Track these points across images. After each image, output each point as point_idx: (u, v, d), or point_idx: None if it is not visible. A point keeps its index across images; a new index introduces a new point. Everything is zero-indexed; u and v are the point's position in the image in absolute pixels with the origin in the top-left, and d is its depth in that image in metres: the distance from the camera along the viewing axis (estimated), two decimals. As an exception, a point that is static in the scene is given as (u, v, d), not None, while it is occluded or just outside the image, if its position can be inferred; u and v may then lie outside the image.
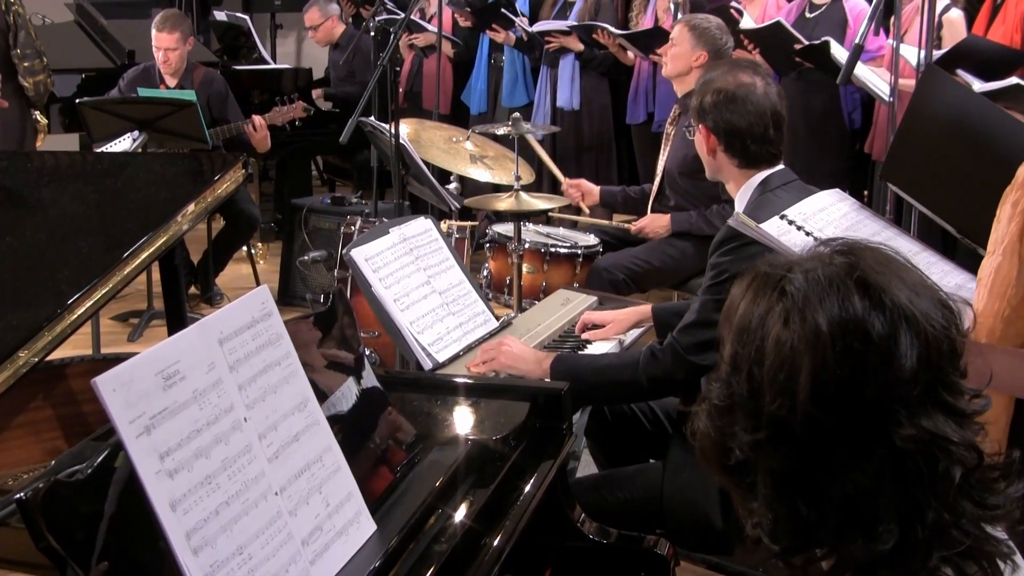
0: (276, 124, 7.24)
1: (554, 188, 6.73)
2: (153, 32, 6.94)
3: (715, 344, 1.59)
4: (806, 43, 5.84)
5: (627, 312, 3.76)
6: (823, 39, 5.75)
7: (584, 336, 3.71)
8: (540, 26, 7.55)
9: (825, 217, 3.07)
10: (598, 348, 3.64)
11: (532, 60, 7.96)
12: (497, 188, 6.98)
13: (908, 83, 5.17)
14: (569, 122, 7.66)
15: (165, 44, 6.94)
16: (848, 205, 3.21)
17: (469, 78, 8.38)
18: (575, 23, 7.43)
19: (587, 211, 5.92)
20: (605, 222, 5.75)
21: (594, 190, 5.76)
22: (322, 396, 2.06)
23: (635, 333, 3.79)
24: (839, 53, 5.63)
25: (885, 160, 4.24)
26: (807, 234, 2.90)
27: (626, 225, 5.60)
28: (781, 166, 3.30)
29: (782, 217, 2.97)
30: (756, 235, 2.90)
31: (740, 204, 3.29)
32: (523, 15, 7.85)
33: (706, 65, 5.34)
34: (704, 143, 3.30)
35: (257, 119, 7.06)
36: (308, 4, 9.21)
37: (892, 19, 5.33)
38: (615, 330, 3.72)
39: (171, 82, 7.07)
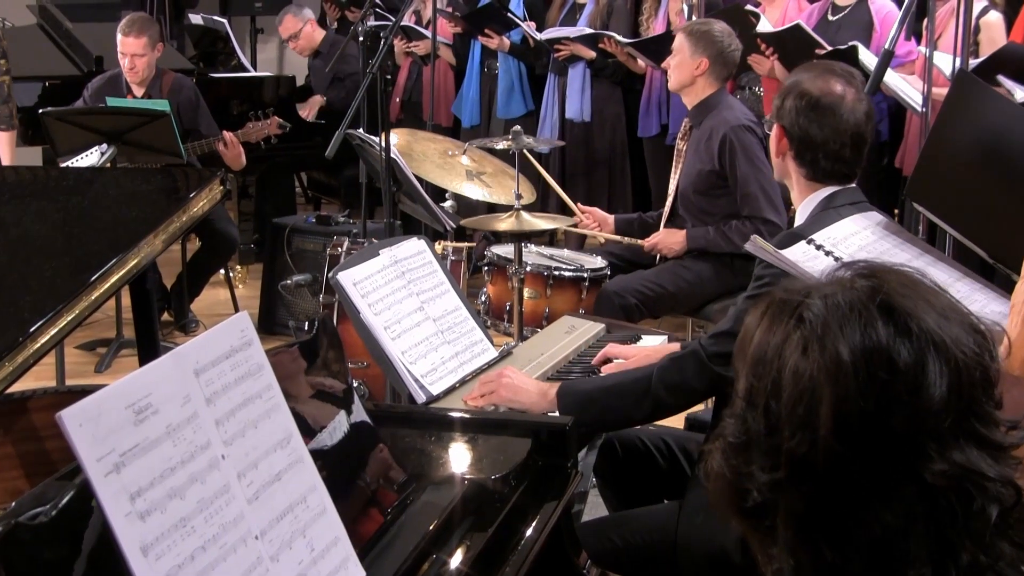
0: (249, 141, 7.23)
1: (561, 207, 6.73)
2: (119, 37, 6.96)
3: None
4: (828, 48, 5.85)
5: (654, 350, 3.71)
6: (850, 44, 5.76)
7: (604, 371, 3.69)
8: (550, 33, 7.55)
9: (856, 241, 3.07)
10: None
11: (539, 67, 7.97)
12: (495, 207, 7.01)
13: (942, 92, 5.19)
14: (579, 134, 7.67)
15: (132, 50, 6.96)
16: (882, 229, 3.21)
17: (461, 88, 8.39)
18: (583, 30, 7.41)
19: (602, 240, 5.92)
20: (617, 237, 5.74)
21: (608, 219, 5.78)
22: (307, 432, 2.06)
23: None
24: (868, 59, 5.64)
25: (911, 177, 4.25)
26: (836, 260, 2.90)
27: (638, 241, 5.60)
28: (852, 185, 3.30)
29: (809, 242, 2.97)
30: (774, 261, 2.90)
31: (801, 216, 3.29)
32: (527, 21, 7.84)
33: (708, 72, 5.37)
34: (775, 143, 3.30)
35: (228, 135, 7.06)
36: (280, 14, 9.25)
37: (925, 23, 5.34)
38: (637, 365, 3.71)
39: (139, 91, 7.09)
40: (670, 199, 5.61)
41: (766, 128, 3.50)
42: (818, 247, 2.95)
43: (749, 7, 6.54)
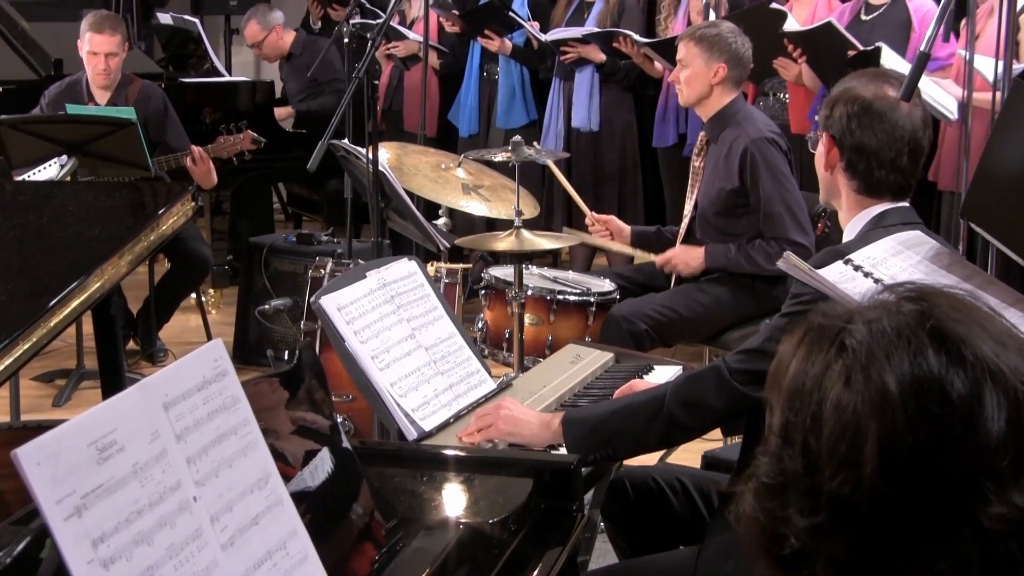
0: (221, 157, 7.22)
1: (568, 219, 6.72)
2: (88, 36, 6.95)
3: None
4: (862, 48, 5.85)
5: None
6: (875, 45, 5.77)
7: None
8: (555, 34, 7.55)
9: (899, 262, 3.05)
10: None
11: (542, 71, 7.97)
12: (494, 224, 6.99)
13: (983, 97, 5.18)
14: (586, 145, 7.66)
15: (106, 48, 6.96)
16: (928, 248, 3.19)
17: (457, 94, 8.39)
18: (594, 29, 7.41)
19: (614, 249, 5.92)
20: (629, 250, 5.73)
21: (624, 229, 5.78)
22: (286, 471, 2.05)
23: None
24: (892, 61, 5.63)
25: (966, 195, 4.23)
26: (876, 281, 2.88)
27: (651, 256, 5.60)
28: (906, 203, 3.29)
29: (847, 262, 2.96)
30: (809, 280, 2.89)
31: (849, 235, 3.28)
32: (531, 21, 7.84)
33: (726, 79, 5.37)
34: (824, 156, 3.30)
35: (197, 150, 7.05)
36: (245, 17, 9.28)
37: (964, 22, 5.34)
38: None
39: (102, 97, 7.09)
40: (686, 220, 5.61)
41: (809, 146, 3.49)
42: (856, 267, 2.93)
43: (775, 5, 6.54)
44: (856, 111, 3.21)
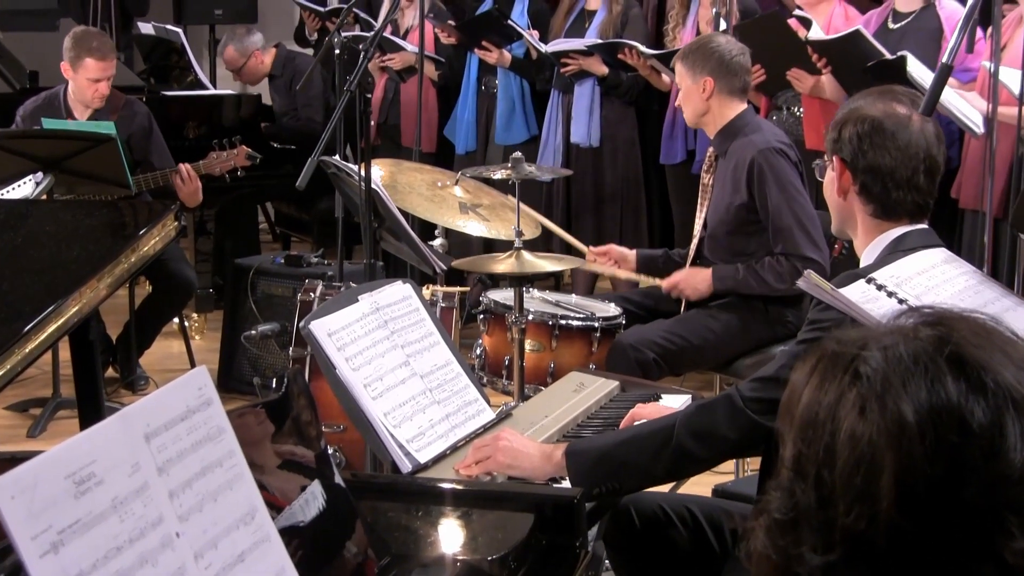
0: (213, 174, 7.22)
1: (568, 247, 6.70)
2: (87, 62, 6.92)
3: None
4: (889, 57, 5.83)
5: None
6: (899, 54, 5.75)
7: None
8: (557, 45, 7.53)
9: (924, 282, 3.05)
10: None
11: (540, 82, 7.96)
12: (492, 245, 6.99)
13: (1009, 112, 5.19)
14: (586, 162, 7.63)
15: (108, 73, 7.02)
16: (955, 268, 3.20)
17: (453, 109, 8.39)
18: (596, 40, 7.39)
19: (621, 276, 5.90)
20: (635, 276, 5.72)
21: (629, 256, 5.76)
22: (275, 506, 2.05)
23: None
24: (918, 72, 5.63)
25: (1015, 206, 4.19)
26: (900, 302, 2.89)
27: (656, 281, 5.58)
28: (924, 224, 3.29)
29: (869, 281, 2.96)
30: (831, 300, 2.89)
31: (867, 259, 3.29)
32: (530, 30, 7.81)
33: (718, 90, 5.37)
34: (835, 182, 3.30)
35: (185, 168, 7.04)
36: (222, 42, 9.30)
37: (989, 31, 5.34)
38: None
39: (82, 113, 7.09)
40: (695, 240, 5.59)
41: (817, 174, 3.50)
42: (879, 287, 2.93)
43: (797, 12, 6.54)
44: (867, 131, 3.22)
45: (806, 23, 6.30)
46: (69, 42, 7.04)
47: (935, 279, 3.09)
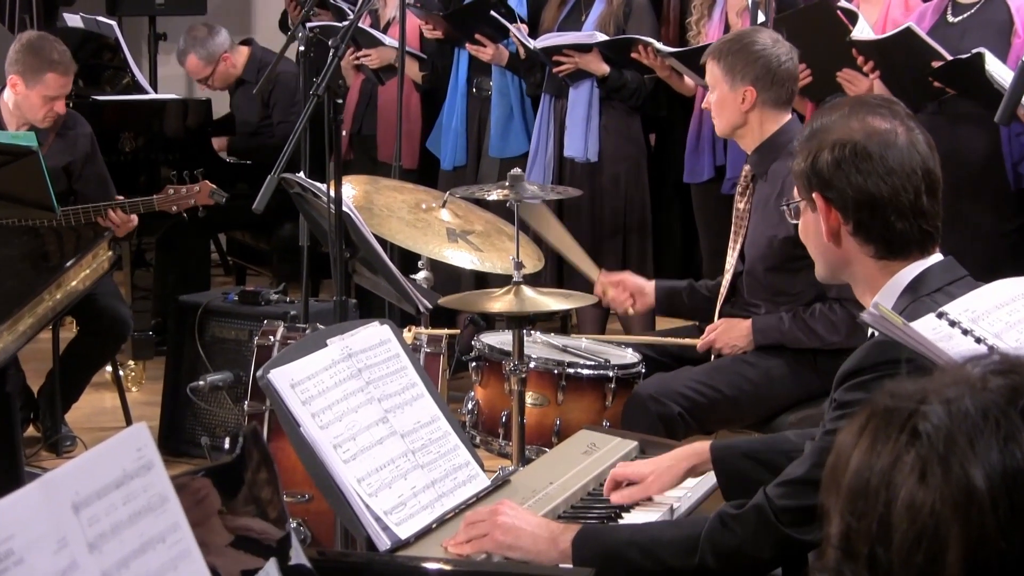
0: (168, 212, 7.16)
1: (580, 281, 6.69)
2: (50, 77, 6.89)
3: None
4: (949, 58, 5.84)
5: (673, 457, 3.73)
6: (973, 51, 5.75)
7: (615, 499, 3.69)
8: (550, 39, 7.46)
9: (1004, 317, 3.02)
10: (639, 518, 3.63)
11: (530, 86, 7.93)
12: (487, 280, 6.99)
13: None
14: (581, 181, 7.50)
15: (68, 89, 7.08)
16: None
17: (438, 115, 8.35)
18: (597, 35, 7.30)
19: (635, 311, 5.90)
20: (662, 340, 5.69)
21: (646, 288, 5.74)
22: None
23: (694, 495, 3.77)
24: (999, 71, 5.62)
25: None
26: (977, 341, 2.87)
27: (687, 342, 5.55)
28: (939, 255, 3.28)
29: (939, 316, 2.92)
30: (902, 337, 2.85)
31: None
32: (522, 20, 7.71)
33: (760, 103, 5.34)
34: (819, 225, 3.25)
35: (116, 216, 6.91)
36: (183, 49, 9.30)
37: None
38: (659, 486, 3.71)
39: (13, 123, 7.07)
40: (727, 277, 5.56)
41: (788, 217, 3.47)
42: (952, 323, 2.90)
43: (843, 3, 6.49)
44: (849, 156, 3.19)
45: (851, 16, 6.26)
46: (22, 52, 6.98)
47: (1018, 314, 3.06)
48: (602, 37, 7.35)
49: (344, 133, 8.54)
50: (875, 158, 3.18)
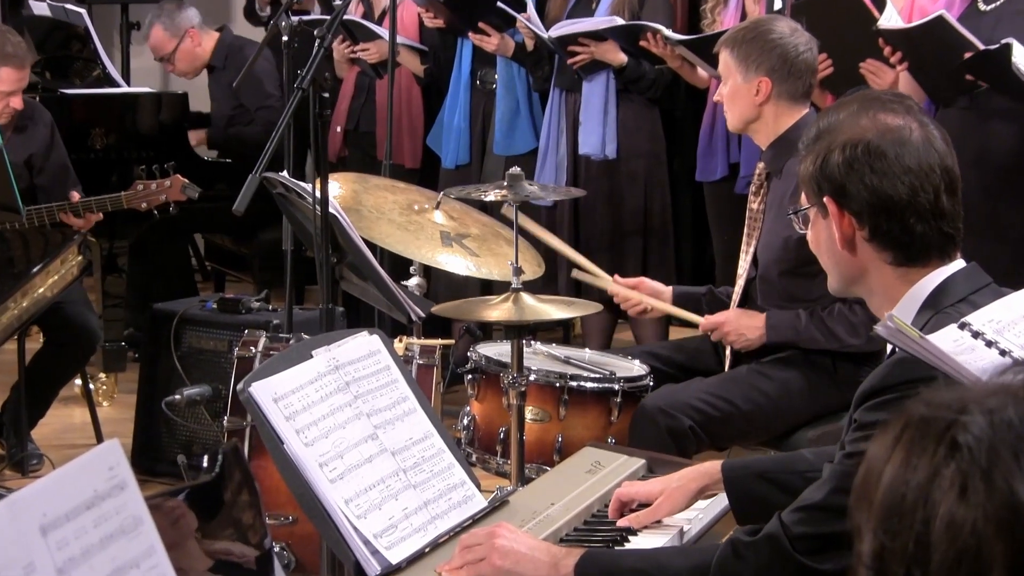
0: (137, 209, 7.15)
1: (580, 286, 6.67)
2: (4, 72, 6.88)
3: (845, 540, 1.57)
4: (981, 48, 5.83)
5: (683, 477, 3.73)
6: (1003, 42, 5.75)
7: (621, 523, 3.69)
8: (565, 27, 7.42)
9: None
10: (647, 542, 3.63)
11: (537, 80, 7.93)
12: (485, 286, 6.99)
13: None
14: (599, 180, 7.57)
15: (25, 83, 7.03)
16: None
17: (440, 111, 8.33)
18: (612, 21, 7.29)
19: (649, 308, 5.85)
20: (668, 308, 5.66)
21: (663, 293, 5.74)
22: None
23: (705, 517, 3.77)
24: None
25: None
26: (1002, 353, 2.86)
27: (693, 317, 5.54)
28: (961, 261, 3.26)
29: (962, 327, 2.92)
30: (918, 351, 2.85)
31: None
32: (524, 12, 7.68)
33: (775, 95, 5.34)
34: (831, 232, 3.23)
35: (78, 221, 6.90)
36: (147, 22, 9.30)
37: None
38: (667, 508, 3.71)
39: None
40: (741, 280, 5.57)
41: (796, 226, 3.45)
42: (975, 334, 2.90)
43: None
44: (862, 157, 3.17)
45: (878, 2, 6.25)
46: None
47: None
48: (621, 22, 7.31)
49: (339, 129, 8.57)
50: (890, 157, 3.15)
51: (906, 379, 2.96)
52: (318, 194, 5.06)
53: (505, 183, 5.07)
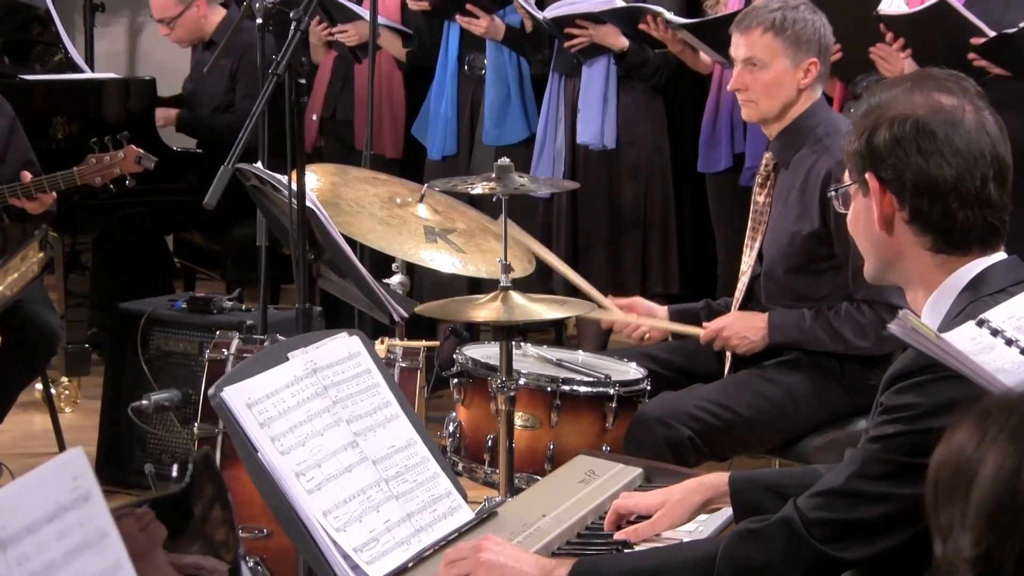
0: (92, 185, 7.13)
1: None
2: None
3: (872, 530, 1.57)
4: (991, 34, 5.84)
5: (685, 489, 3.72)
6: (1019, 26, 5.76)
7: (618, 536, 3.69)
8: (561, 7, 7.38)
9: None
10: (646, 556, 3.63)
11: (535, 64, 7.91)
12: (472, 284, 6.99)
13: None
14: (598, 172, 7.56)
15: None
16: None
17: (425, 98, 8.32)
18: (612, 2, 7.26)
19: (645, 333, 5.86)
20: (667, 325, 5.67)
21: (658, 313, 5.74)
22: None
23: (707, 529, 3.77)
24: None
25: None
26: (1023, 352, 2.86)
27: (693, 329, 5.55)
28: (1003, 254, 3.26)
29: (980, 324, 2.92)
30: (933, 351, 2.85)
31: (932, 317, 3.22)
32: None
33: (817, 79, 5.35)
34: (870, 212, 3.25)
35: (28, 177, 6.87)
36: None
37: None
38: (668, 522, 3.70)
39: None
40: (745, 278, 5.57)
41: (837, 205, 3.43)
42: (995, 331, 2.90)
43: None
44: (909, 134, 3.17)
45: None
46: None
47: None
48: (620, 3, 7.27)
49: (315, 118, 8.54)
50: (939, 137, 3.15)
51: (935, 361, 2.96)
52: (294, 187, 5.06)
53: (493, 175, 5.07)
